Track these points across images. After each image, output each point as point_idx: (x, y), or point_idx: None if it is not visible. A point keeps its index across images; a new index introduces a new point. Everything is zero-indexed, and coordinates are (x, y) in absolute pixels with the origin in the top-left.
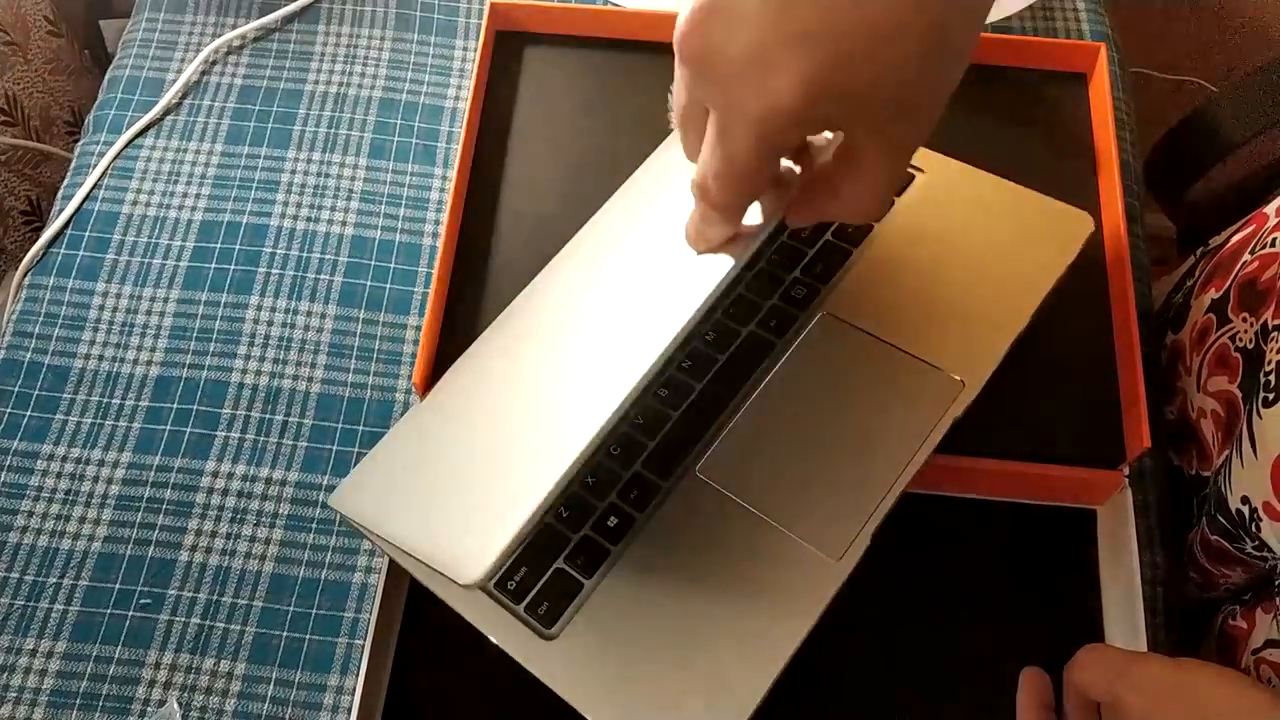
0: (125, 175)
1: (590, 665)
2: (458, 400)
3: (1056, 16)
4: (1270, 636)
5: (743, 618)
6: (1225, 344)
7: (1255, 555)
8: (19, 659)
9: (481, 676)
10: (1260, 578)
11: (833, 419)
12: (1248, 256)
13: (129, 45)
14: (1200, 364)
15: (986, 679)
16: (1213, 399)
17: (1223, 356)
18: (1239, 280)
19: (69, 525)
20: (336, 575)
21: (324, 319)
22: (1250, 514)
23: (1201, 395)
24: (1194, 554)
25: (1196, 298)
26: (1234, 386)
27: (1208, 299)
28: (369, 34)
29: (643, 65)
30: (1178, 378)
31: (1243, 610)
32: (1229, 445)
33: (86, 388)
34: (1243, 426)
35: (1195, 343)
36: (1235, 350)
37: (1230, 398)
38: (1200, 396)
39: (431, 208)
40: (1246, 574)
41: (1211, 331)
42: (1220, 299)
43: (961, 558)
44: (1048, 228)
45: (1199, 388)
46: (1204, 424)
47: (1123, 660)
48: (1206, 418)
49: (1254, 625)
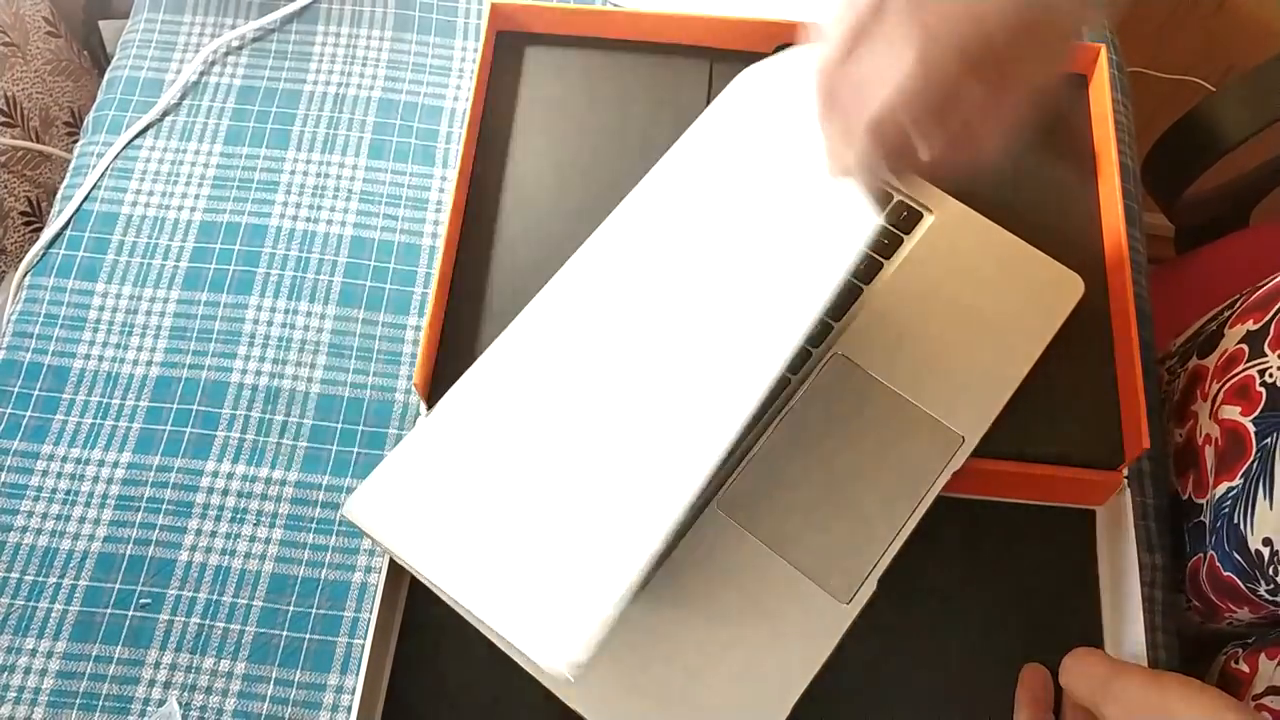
0: (125, 176)
1: (605, 693)
2: (484, 418)
3: None
4: (1273, 683)
5: (754, 654)
6: (1251, 376)
7: (1269, 599)
8: (19, 659)
9: (481, 676)
10: (1267, 620)
11: (843, 461)
12: None
13: (128, 46)
14: (1219, 391)
15: (985, 679)
16: (1219, 427)
17: (1244, 388)
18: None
19: (69, 525)
20: (336, 575)
21: (324, 319)
22: (1271, 556)
23: (1210, 422)
24: (1199, 586)
25: (1231, 326)
26: (1246, 419)
27: (1243, 329)
28: (368, 34)
29: (643, 66)
30: (1193, 401)
31: (1245, 654)
32: (1225, 476)
33: (86, 388)
34: (1273, 467)
35: (1219, 370)
36: (1260, 384)
37: (1238, 429)
38: (1209, 423)
39: (431, 208)
40: (1254, 613)
41: (1240, 362)
42: (1258, 331)
43: (962, 558)
44: (1043, 288)
45: (1210, 414)
46: (1206, 450)
47: (1106, 670)
48: (1210, 445)
49: (1256, 670)
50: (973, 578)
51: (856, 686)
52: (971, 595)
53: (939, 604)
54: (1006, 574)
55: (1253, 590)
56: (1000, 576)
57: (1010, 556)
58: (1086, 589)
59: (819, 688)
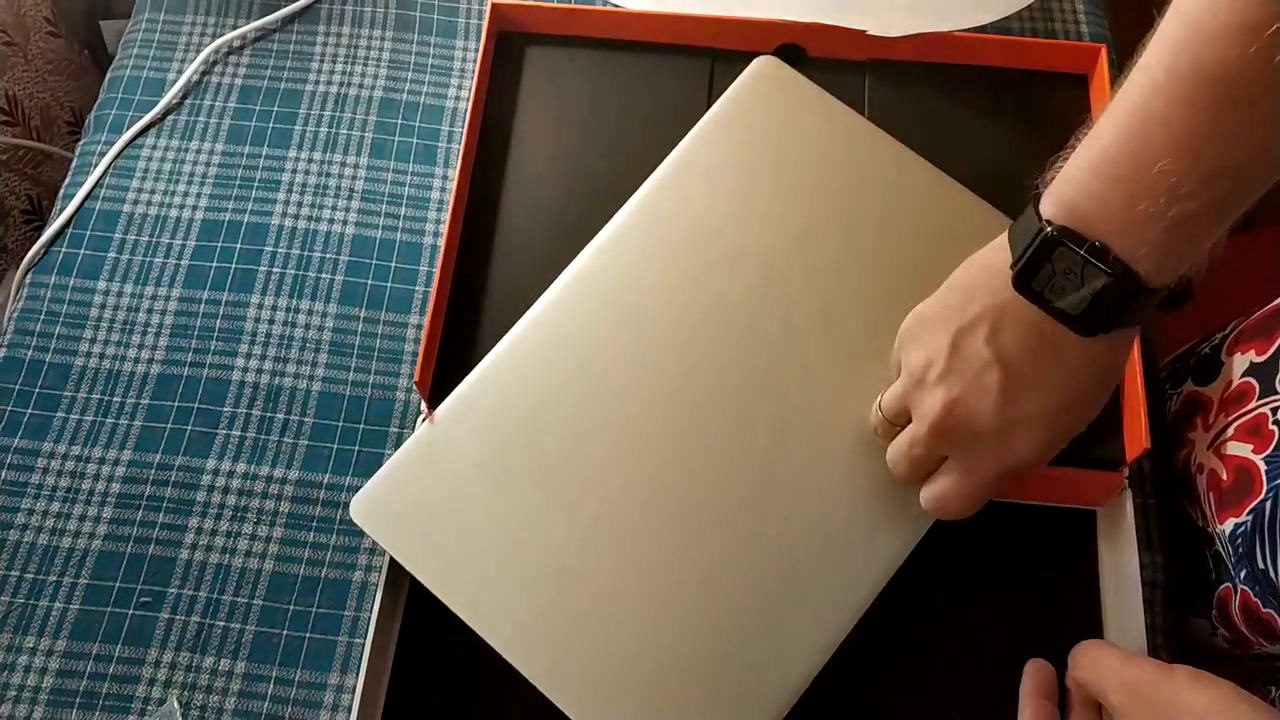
0: (126, 175)
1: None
2: (490, 422)
3: (1055, 18)
4: None
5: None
6: (1264, 415)
7: None
8: (19, 657)
9: (481, 676)
10: None
11: None
12: None
13: (129, 45)
14: (1227, 426)
15: (986, 679)
16: (1223, 462)
17: (1256, 426)
18: None
19: (69, 523)
20: (337, 574)
21: (325, 318)
22: None
23: (1210, 454)
24: (1229, 616)
25: (1229, 354)
26: (1258, 457)
27: (1246, 361)
28: (369, 34)
29: (643, 66)
30: (1191, 429)
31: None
32: (1231, 511)
33: (87, 386)
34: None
35: (1228, 403)
36: (1273, 423)
37: (1248, 466)
38: (1208, 455)
39: (432, 207)
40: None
41: (1251, 398)
42: (1264, 365)
43: (962, 558)
44: None
45: (1211, 446)
46: (1200, 480)
47: (1116, 660)
48: (1204, 475)
49: None
50: (974, 578)
51: (856, 686)
52: (972, 595)
53: (940, 604)
54: (1007, 575)
55: None
56: (1001, 577)
57: (1011, 557)
58: (1087, 590)
59: (819, 687)
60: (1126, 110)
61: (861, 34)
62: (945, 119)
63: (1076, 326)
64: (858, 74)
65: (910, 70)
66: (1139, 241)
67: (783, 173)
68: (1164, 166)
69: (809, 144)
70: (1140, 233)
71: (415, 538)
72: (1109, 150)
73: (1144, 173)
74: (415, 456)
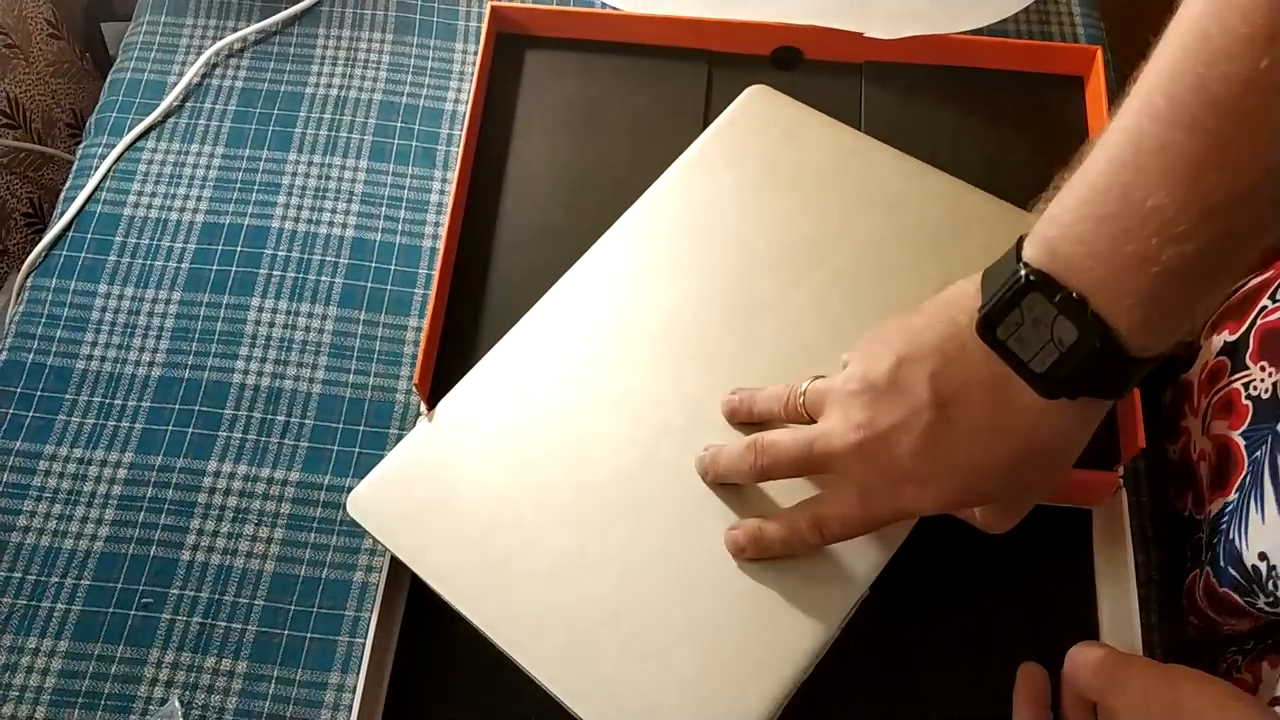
0: (127, 178)
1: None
2: (488, 420)
3: (1051, 21)
4: (1277, 694)
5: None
6: (1236, 390)
7: (1269, 610)
8: (22, 658)
9: (481, 676)
10: (1267, 627)
11: None
12: (1268, 303)
13: (130, 48)
14: (1208, 406)
15: (983, 678)
16: (1210, 442)
17: (1230, 402)
18: (1261, 328)
19: (71, 525)
20: (337, 574)
21: (325, 320)
22: (1268, 571)
23: (1204, 438)
24: (1196, 602)
25: (1207, 338)
26: (1234, 433)
27: (1220, 340)
28: (369, 37)
29: (642, 68)
30: (1183, 417)
31: (1246, 662)
32: (1220, 492)
33: (89, 389)
34: (1263, 480)
35: (1205, 384)
36: (1246, 398)
37: (1226, 443)
38: (1202, 439)
39: (432, 210)
40: (1253, 624)
41: (1224, 375)
42: (1236, 343)
43: (958, 557)
44: None
45: (1203, 430)
46: (1202, 465)
47: (1112, 661)
48: (1205, 460)
49: (1260, 679)
50: (970, 577)
51: (853, 685)
52: (969, 595)
53: (936, 604)
54: (1004, 574)
55: (1251, 604)
56: (998, 576)
57: (1007, 556)
58: (1083, 589)
59: (814, 686)
60: (1116, 141)
61: (858, 37)
62: (941, 122)
63: (1038, 386)
64: (854, 77)
65: (907, 73)
66: (1124, 293)
67: (785, 181)
68: (1157, 201)
69: (808, 156)
70: (1127, 281)
71: (412, 532)
72: (1097, 184)
73: (1135, 208)
74: (412, 453)
